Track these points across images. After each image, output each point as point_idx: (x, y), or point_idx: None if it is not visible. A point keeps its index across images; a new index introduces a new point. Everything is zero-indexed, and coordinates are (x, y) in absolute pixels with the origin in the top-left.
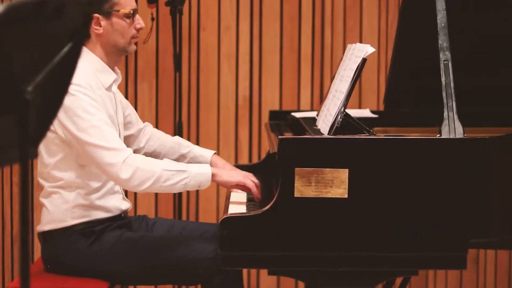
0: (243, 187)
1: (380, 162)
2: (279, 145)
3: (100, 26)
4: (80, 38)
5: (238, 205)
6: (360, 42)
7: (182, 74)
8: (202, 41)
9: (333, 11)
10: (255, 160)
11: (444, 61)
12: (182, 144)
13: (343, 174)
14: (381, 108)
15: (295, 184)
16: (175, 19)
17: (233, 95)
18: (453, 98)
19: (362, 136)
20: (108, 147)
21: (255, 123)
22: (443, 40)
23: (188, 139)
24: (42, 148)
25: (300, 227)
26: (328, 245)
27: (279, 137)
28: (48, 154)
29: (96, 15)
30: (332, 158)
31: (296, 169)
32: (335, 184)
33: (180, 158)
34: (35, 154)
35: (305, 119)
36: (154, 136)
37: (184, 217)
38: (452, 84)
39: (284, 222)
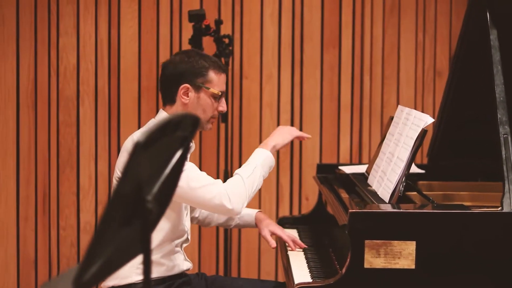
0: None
1: (446, 234)
2: (349, 218)
3: (188, 97)
4: (188, 143)
5: (300, 267)
6: (397, 89)
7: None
8: (245, 89)
9: (372, 59)
10: (295, 205)
11: (503, 135)
12: None
13: (411, 246)
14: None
15: (365, 256)
16: None
17: None
18: None
19: (429, 210)
20: (203, 184)
21: (296, 170)
22: (502, 114)
23: None
24: None
25: None
26: None
27: (350, 210)
28: None
29: (186, 85)
30: (400, 230)
31: (366, 241)
32: (403, 255)
33: (229, 220)
34: None
35: (355, 175)
36: None
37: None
38: None
39: None
